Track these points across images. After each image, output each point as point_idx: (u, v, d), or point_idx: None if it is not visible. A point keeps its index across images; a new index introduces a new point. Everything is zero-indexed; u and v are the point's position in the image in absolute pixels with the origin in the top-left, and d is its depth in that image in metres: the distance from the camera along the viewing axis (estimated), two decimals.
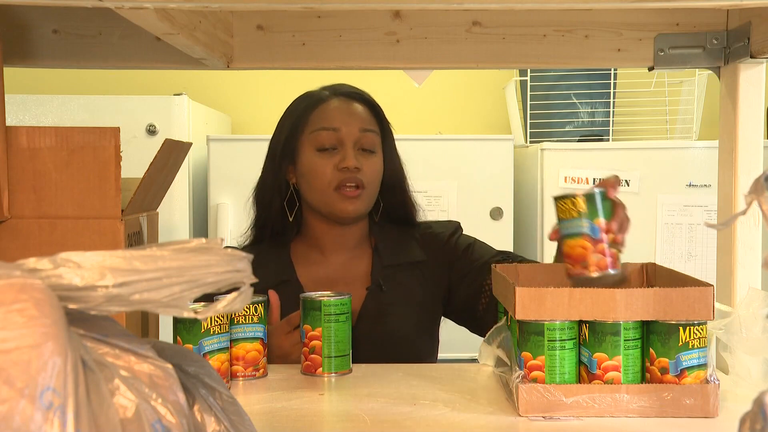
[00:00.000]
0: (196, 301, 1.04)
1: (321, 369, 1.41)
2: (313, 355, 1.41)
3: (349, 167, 1.59)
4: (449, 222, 1.78)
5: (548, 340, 1.19)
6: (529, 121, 3.19)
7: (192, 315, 0.63)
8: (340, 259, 1.69)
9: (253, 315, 1.41)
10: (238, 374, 1.39)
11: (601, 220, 1.27)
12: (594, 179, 2.90)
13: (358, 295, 1.63)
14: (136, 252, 0.61)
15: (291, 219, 1.68)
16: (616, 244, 1.27)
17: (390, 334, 1.60)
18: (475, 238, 1.74)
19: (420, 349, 1.64)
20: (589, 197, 1.27)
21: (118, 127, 1.20)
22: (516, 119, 3.29)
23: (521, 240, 3.11)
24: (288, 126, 1.68)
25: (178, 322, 1.30)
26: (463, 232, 1.76)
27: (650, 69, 1.65)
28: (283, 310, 1.58)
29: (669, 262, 2.84)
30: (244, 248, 1.73)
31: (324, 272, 1.67)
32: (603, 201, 1.27)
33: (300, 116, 1.67)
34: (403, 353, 1.57)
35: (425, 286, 1.67)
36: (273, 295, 1.51)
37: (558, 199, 1.29)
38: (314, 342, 1.41)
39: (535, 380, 1.19)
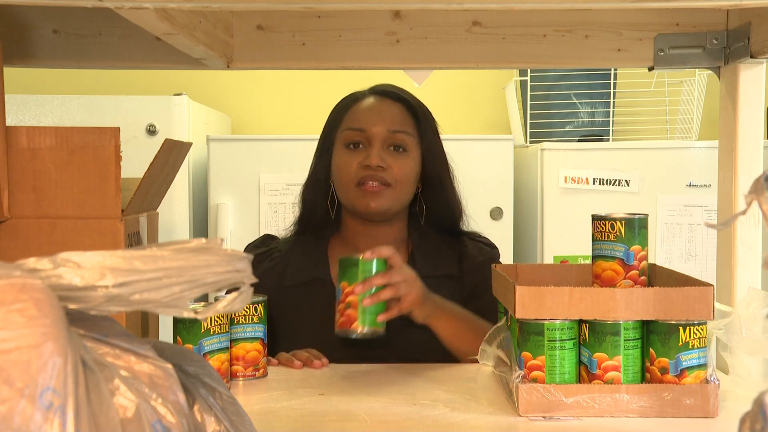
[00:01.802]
0: (197, 301, 1.04)
1: (356, 323, 1.37)
2: (348, 311, 1.38)
3: (371, 165, 1.59)
4: (490, 249, 1.73)
5: (548, 340, 1.19)
6: (529, 121, 3.19)
7: (192, 315, 0.63)
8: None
9: (253, 315, 1.41)
10: (238, 374, 1.39)
11: (638, 248, 1.27)
12: (594, 179, 2.90)
13: None
14: (136, 252, 0.61)
15: (333, 216, 1.68)
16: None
17: (418, 344, 1.59)
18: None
19: (447, 361, 1.62)
20: (629, 222, 1.27)
21: (118, 127, 1.20)
22: (516, 119, 3.29)
23: (521, 240, 3.11)
24: (328, 124, 1.71)
25: (178, 322, 1.30)
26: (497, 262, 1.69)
27: (650, 69, 1.65)
28: (314, 307, 1.58)
29: (669, 262, 2.84)
30: (286, 240, 1.74)
31: None
32: (641, 228, 1.28)
33: (337, 114, 1.69)
34: (433, 356, 1.54)
35: (456, 300, 1.64)
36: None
37: (596, 219, 1.29)
38: (350, 298, 1.38)
39: (535, 380, 1.19)
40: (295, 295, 1.61)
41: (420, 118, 1.67)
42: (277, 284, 1.61)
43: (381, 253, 1.40)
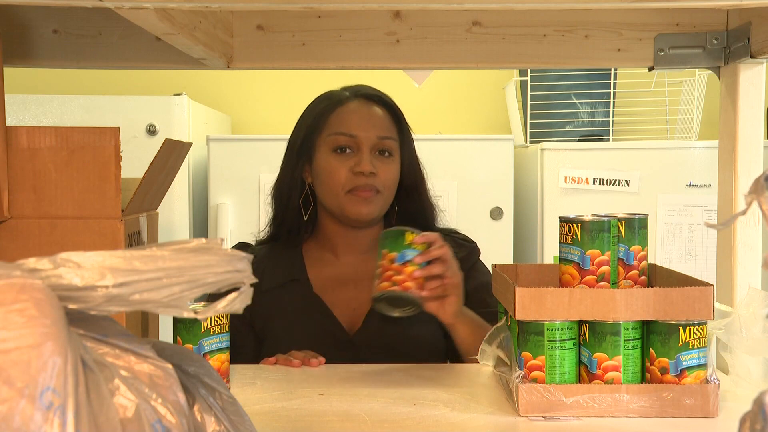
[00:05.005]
0: (197, 301, 1.04)
1: (404, 285, 1.38)
2: (388, 273, 1.39)
3: (364, 172, 1.58)
4: (468, 243, 1.72)
5: (548, 340, 1.19)
6: (529, 121, 3.19)
7: (192, 315, 0.63)
8: (351, 261, 1.68)
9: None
10: None
11: (638, 248, 1.26)
12: (594, 179, 2.90)
13: (367, 298, 1.62)
14: (136, 252, 0.61)
15: (306, 218, 1.68)
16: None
17: (398, 337, 1.59)
18: (478, 282, 1.66)
19: (430, 351, 1.62)
20: (629, 222, 1.26)
21: (118, 127, 1.20)
22: (516, 119, 3.29)
23: (521, 240, 3.11)
24: (306, 125, 1.68)
25: (178, 322, 1.30)
26: (477, 261, 1.70)
27: (650, 69, 1.65)
28: (292, 308, 1.59)
29: (669, 262, 2.84)
30: (260, 243, 1.74)
31: (335, 273, 1.67)
32: (641, 228, 1.27)
33: (319, 117, 1.66)
34: (413, 355, 1.55)
35: None
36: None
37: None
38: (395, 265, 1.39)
39: (535, 380, 1.19)
40: (273, 298, 1.61)
41: (402, 123, 1.68)
42: (255, 289, 1.60)
43: (428, 238, 1.41)
